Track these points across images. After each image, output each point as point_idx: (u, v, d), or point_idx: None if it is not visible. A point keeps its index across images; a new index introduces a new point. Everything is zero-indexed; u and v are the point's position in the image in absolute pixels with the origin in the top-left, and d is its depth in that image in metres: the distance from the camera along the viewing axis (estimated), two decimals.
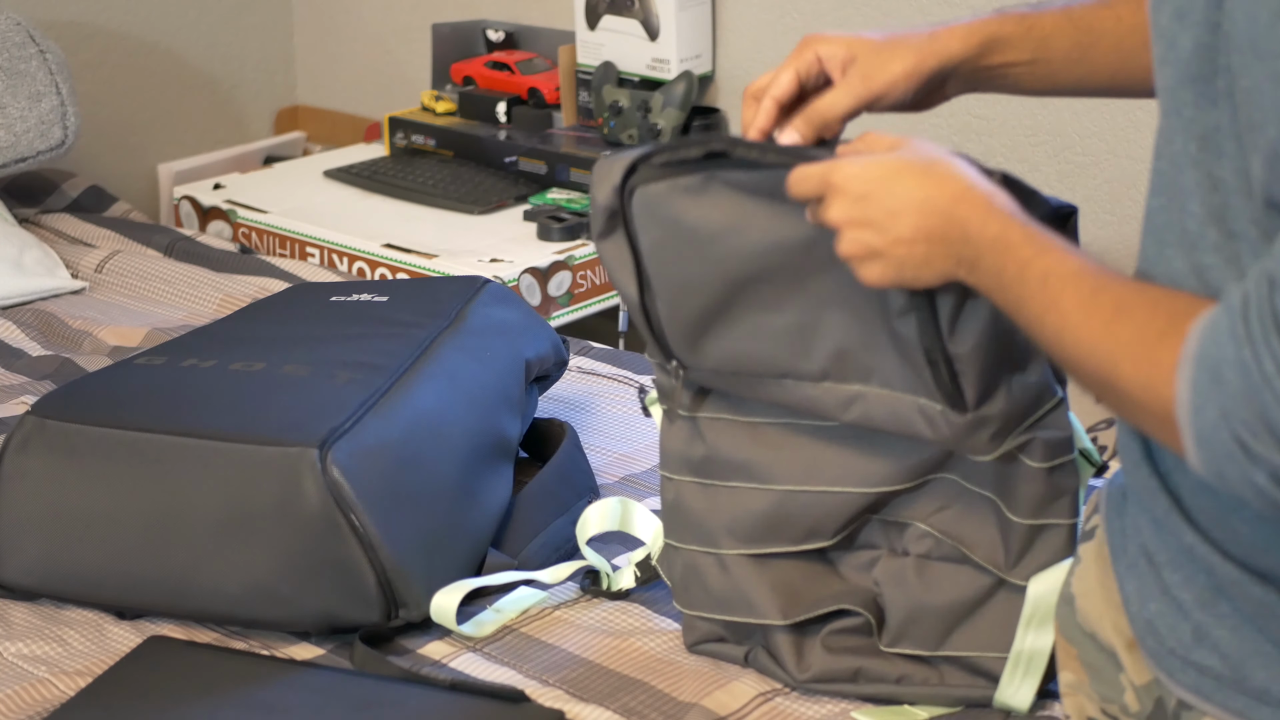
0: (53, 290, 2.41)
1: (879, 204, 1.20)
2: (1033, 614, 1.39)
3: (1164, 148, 1.08)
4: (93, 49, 3.00)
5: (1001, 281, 1.13)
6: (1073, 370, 1.09)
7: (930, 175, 1.19)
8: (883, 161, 1.21)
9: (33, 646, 1.55)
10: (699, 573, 1.50)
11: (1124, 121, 2.34)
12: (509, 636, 1.56)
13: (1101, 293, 1.08)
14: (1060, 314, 1.08)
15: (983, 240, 1.15)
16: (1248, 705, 1.08)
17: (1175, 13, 1.04)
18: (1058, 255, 1.11)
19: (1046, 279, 1.10)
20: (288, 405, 1.60)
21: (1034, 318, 1.10)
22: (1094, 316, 1.06)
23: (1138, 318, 1.04)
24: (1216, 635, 1.09)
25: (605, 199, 1.40)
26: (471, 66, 2.86)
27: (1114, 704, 1.22)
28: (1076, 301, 1.08)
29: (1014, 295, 1.12)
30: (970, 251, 1.16)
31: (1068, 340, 1.07)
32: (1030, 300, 1.10)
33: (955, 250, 1.17)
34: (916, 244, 1.19)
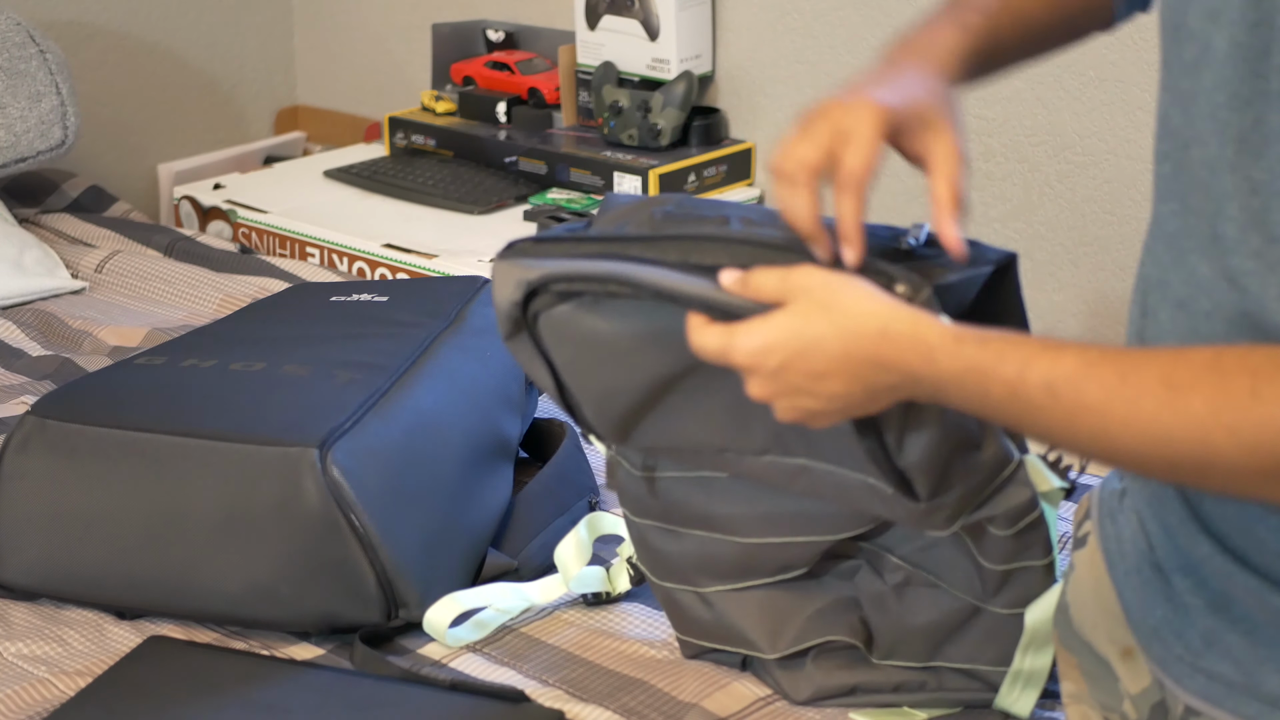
0: (53, 290, 2.41)
1: (798, 371, 1.12)
2: (1030, 640, 1.37)
3: (1178, 152, 1.06)
4: (93, 49, 3.00)
5: (986, 406, 1.08)
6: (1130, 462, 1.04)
7: (837, 323, 1.11)
8: (781, 325, 1.13)
9: (33, 646, 1.55)
10: (681, 606, 1.50)
11: (1124, 121, 2.34)
12: (509, 636, 1.56)
13: (1132, 375, 1.02)
14: (1096, 415, 1.02)
15: (940, 378, 1.09)
16: (1261, 711, 1.07)
17: (1207, 13, 1.01)
18: (1045, 359, 1.05)
19: (1052, 388, 1.04)
20: (288, 405, 1.60)
21: (1054, 429, 1.05)
22: (1142, 402, 1.00)
23: (1204, 386, 0.99)
24: (1229, 641, 1.08)
25: (506, 306, 1.31)
26: (471, 66, 2.86)
27: (1114, 713, 1.22)
28: (1108, 395, 1.02)
29: (1013, 414, 1.07)
30: (926, 389, 1.10)
31: (1118, 436, 1.02)
32: (1039, 414, 1.05)
33: (902, 389, 1.12)
34: (853, 395, 1.12)
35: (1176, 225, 1.06)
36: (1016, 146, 2.44)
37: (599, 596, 1.61)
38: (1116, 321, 2.37)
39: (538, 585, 1.59)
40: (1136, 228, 2.34)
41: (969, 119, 2.44)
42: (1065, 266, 2.42)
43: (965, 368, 1.07)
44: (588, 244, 1.30)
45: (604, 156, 2.63)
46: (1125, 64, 2.32)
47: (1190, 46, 1.03)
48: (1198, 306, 1.05)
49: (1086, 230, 2.39)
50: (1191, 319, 1.05)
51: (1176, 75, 1.06)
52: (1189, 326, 1.06)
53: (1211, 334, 1.04)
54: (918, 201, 2.53)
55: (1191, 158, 1.03)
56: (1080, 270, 2.41)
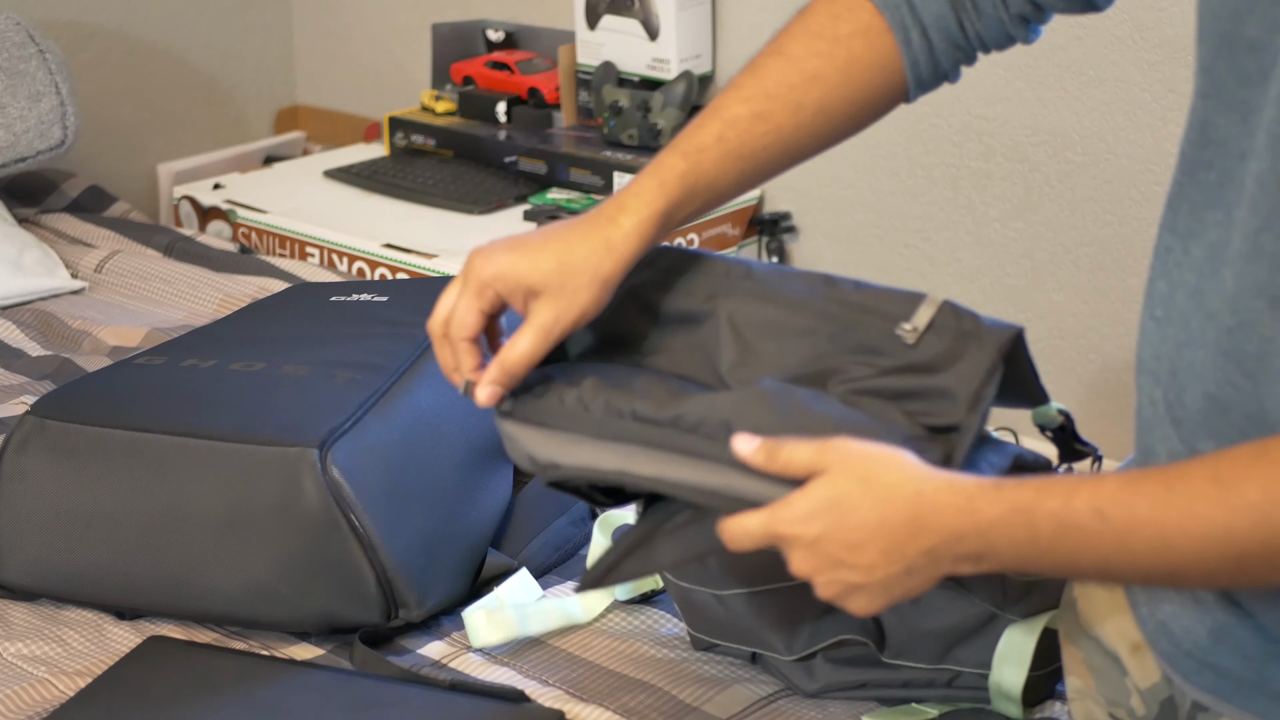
0: (52, 290, 2.41)
1: (836, 542, 1.11)
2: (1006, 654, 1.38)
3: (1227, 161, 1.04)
4: (93, 49, 3.00)
5: (1037, 549, 1.06)
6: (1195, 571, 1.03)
7: (874, 488, 1.10)
8: (819, 494, 1.12)
9: (33, 646, 1.55)
10: (697, 605, 1.49)
11: (1124, 121, 2.34)
12: None
13: (1178, 482, 1.02)
14: (1152, 527, 1.02)
15: (982, 526, 1.08)
16: (1268, 706, 1.07)
17: (1271, 26, 0.99)
18: (1088, 486, 1.05)
19: (1102, 511, 1.04)
20: (288, 405, 1.60)
21: (1109, 555, 1.04)
22: (1196, 505, 1.00)
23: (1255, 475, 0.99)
24: (1237, 636, 1.08)
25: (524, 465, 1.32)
26: (471, 66, 2.86)
27: (1120, 708, 1.21)
28: (1159, 506, 1.02)
29: (1064, 552, 1.06)
30: (969, 545, 1.08)
31: (1178, 545, 1.01)
32: (1093, 542, 1.04)
33: (942, 554, 1.09)
34: (892, 564, 1.10)
35: (1219, 235, 1.05)
36: (1016, 146, 2.44)
37: (645, 596, 1.61)
38: (1116, 321, 2.37)
39: (580, 601, 1.58)
40: (1136, 228, 2.34)
41: (969, 119, 2.46)
42: (1065, 266, 2.42)
43: (1009, 509, 1.06)
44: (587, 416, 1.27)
45: (604, 156, 2.63)
46: (1125, 64, 2.32)
47: (1252, 58, 1.02)
48: (1223, 320, 1.04)
49: (1086, 230, 2.39)
50: (1218, 332, 1.05)
51: (1230, 84, 1.04)
52: (1215, 339, 1.05)
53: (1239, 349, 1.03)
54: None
55: (1245, 169, 1.02)
56: (1080, 270, 2.41)
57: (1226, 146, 1.04)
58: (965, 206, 2.49)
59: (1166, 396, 1.10)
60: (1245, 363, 1.02)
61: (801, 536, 1.12)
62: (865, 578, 1.11)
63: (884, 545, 1.10)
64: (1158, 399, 1.11)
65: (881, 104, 1.30)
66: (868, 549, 1.10)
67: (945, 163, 2.50)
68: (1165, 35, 2.28)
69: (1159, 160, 2.31)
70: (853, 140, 1.33)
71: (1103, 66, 2.34)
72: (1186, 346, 1.08)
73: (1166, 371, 1.10)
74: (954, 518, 1.08)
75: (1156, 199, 2.33)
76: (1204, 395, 1.05)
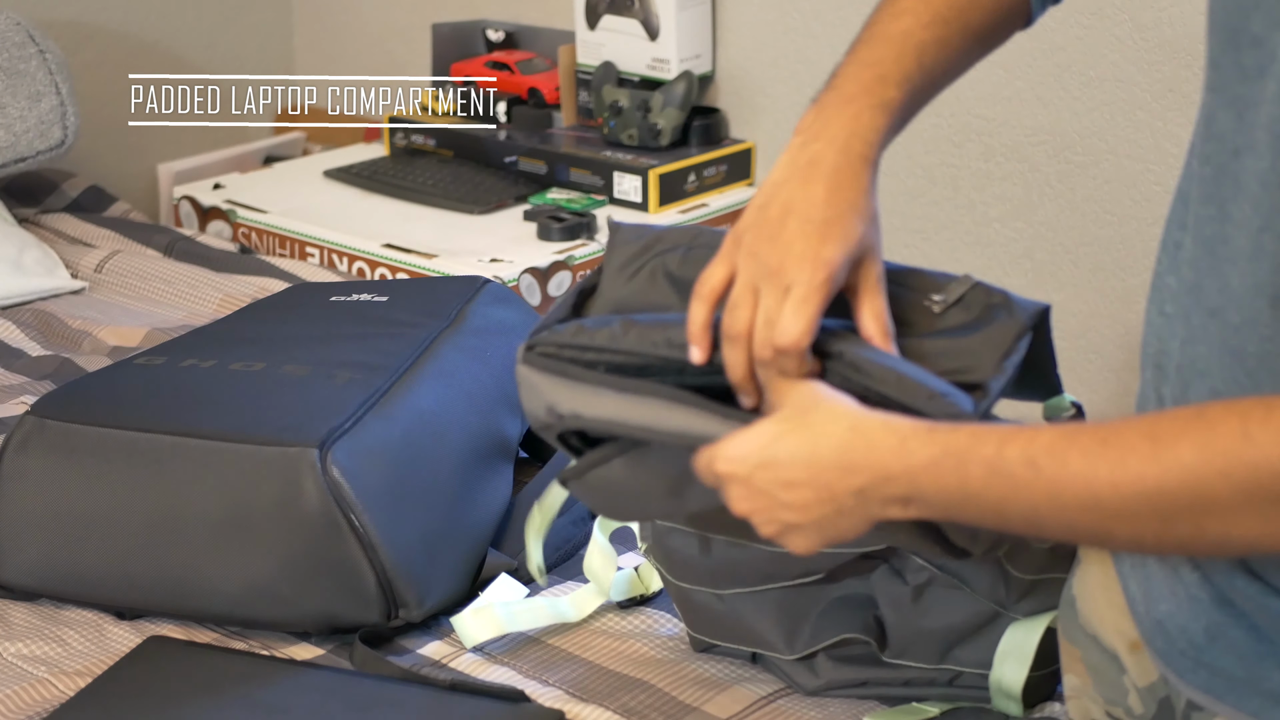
0: (52, 290, 2.41)
1: (769, 478, 1.13)
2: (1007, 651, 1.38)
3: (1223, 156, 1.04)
4: (93, 49, 3.00)
5: (965, 493, 1.06)
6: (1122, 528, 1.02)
7: (808, 427, 1.12)
8: (757, 433, 1.14)
9: (33, 646, 1.55)
10: (696, 605, 1.49)
11: (1124, 121, 2.34)
12: (509, 636, 1.56)
13: (1114, 437, 1.01)
14: (1082, 481, 1.01)
15: (913, 468, 1.07)
16: (1262, 706, 1.07)
17: (1274, 22, 0.99)
18: (1023, 435, 1.04)
19: (1034, 461, 1.03)
20: (288, 405, 1.60)
21: (1038, 505, 1.03)
22: (1129, 460, 1.00)
23: (1191, 434, 0.98)
24: (1232, 635, 1.08)
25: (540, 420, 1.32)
26: (471, 66, 2.86)
27: (1118, 706, 1.21)
28: (1091, 460, 1.01)
29: (992, 500, 1.05)
30: (898, 487, 1.08)
31: (1107, 499, 1.00)
32: (1022, 491, 1.03)
33: (871, 494, 1.09)
34: (824, 504, 1.11)
35: (1214, 231, 1.05)
36: (1016, 146, 2.44)
37: (641, 598, 1.61)
38: (1116, 321, 2.37)
39: (571, 600, 1.58)
40: (1136, 228, 2.34)
41: (969, 119, 2.46)
42: (1065, 266, 2.42)
43: (941, 452, 1.06)
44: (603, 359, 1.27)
45: (604, 156, 2.63)
46: (1125, 64, 2.32)
47: (1252, 53, 1.01)
48: (1229, 318, 1.03)
49: (1086, 230, 2.39)
50: (1223, 330, 1.04)
51: (1231, 79, 1.03)
52: (1220, 337, 1.04)
53: (1239, 347, 1.03)
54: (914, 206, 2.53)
55: (1242, 166, 1.01)
56: (1080, 270, 2.41)
57: (1223, 141, 1.04)
58: (965, 206, 2.49)
59: (1173, 392, 1.10)
60: (1247, 361, 1.02)
61: (736, 474, 1.14)
62: (801, 516, 1.12)
63: (813, 484, 1.11)
64: (1165, 395, 1.11)
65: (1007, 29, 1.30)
66: (798, 488, 1.11)
67: (945, 163, 2.50)
68: (1165, 35, 2.28)
69: (1159, 160, 2.31)
70: None
71: (1103, 66, 2.34)
72: (1189, 343, 1.08)
73: (1173, 368, 1.09)
74: (885, 456, 1.08)
75: (1156, 199, 2.33)
76: (1210, 392, 1.05)
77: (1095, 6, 2.33)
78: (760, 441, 1.14)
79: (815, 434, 1.12)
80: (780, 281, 1.18)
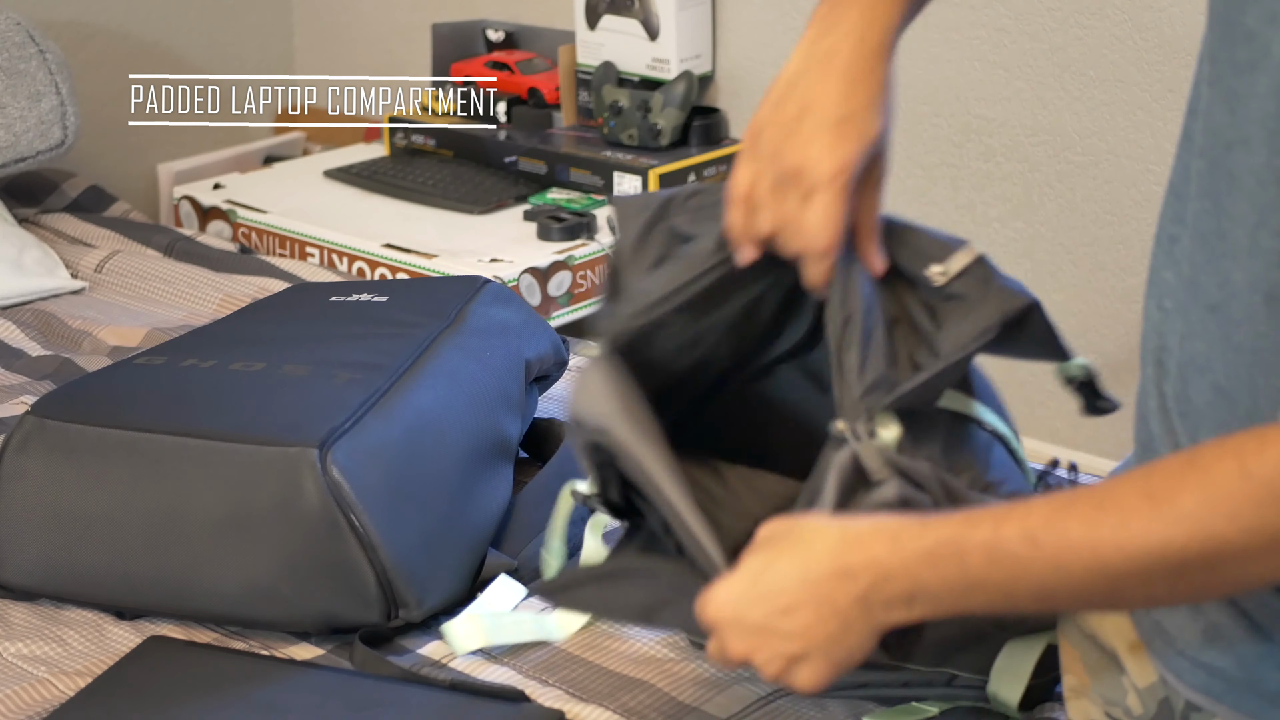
0: (52, 290, 2.41)
1: (764, 610, 1.09)
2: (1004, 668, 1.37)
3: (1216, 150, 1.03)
4: (93, 49, 3.00)
5: (968, 582, 1.03)
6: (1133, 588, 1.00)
7: (795, 547, 1.09)
8: (744, 569, 1.11)
9: (33, 646, 1.55)
10: None
11: (1124, 122, 2.34)
12: None
13: (1109, 500, 1.00)
14: (1086, 549, 0.99)
15: (910, 563, 1.05)
16: (1260, 707, 1.07)
17: (1269, 16, 0.98)
18: (1016, 514, 1.02)
19: (1033, 537, 1.01)
20: (288, 405, 1.60)
21: (1045, 581, 1.01)
22: (1130, 520, 0.98)
23: (1189, 484, 0.97)
24: (1230, 636, 1.08)
25: None
26: (471, 66, 2.86)
27: (1117, 707, 1.21)
28: (1091, 526, 0.99)
29: (998, 583, 1.02)
30: (898, 587, 1.05)
31: (1114, 563, 0.98)
32: (1026, 570, 1.01)
33: (873, 599, 1.06)
34: (826, 621, 1.07)
35: (1210, 226, 1.04)
36: (1016, 146, 2.44)
37: None
38: (1116, 320, 2.37)
39: (557, 620, 1.56)
40: (1136, 228, 2.34)
41: (969, 119, 2.46)
42: (1065, 266, 2.42)
43: (935, 542, 1.04)
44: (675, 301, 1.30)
45: (604, 156, 2.63)
46: (1125, 64, 2.32)
47: (1245, 47, 1.00)
48: (1230, 313, 1.03)
49: (1086, 230, 2.39)
50: (1224, 325, 1.03)
51: (1226, 72, 1.03)
52: (1222, 332, 1.04)
53: (1242, 342, 1.02)
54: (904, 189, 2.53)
55: (1234, 160, 1.01)
56: (1080, 270, 2.41)
57: (1217, 136, 1.03)
58: (965, 206, 2.49)
59: (1174, 389, 1.09)
60: (1246, 357, 1.02)
61: (727, 616, 1.12)
62: (804, 644, 1.09)
63: (813, 601, 1.07)
64: (1166, 392, 1.11)
65: None
66: (798, 611, 1.08)
67: (945, 163, 2.50)
68: (1165, 35, 2.28)
69: (1159, 160, 2.31)
70: None
71: (1103, 66, 2.34)
72: (1189, 339, 1.07)
73: (1174, 364, 1.09)
74: (880, 554, 1.06)
75: (1156, 199, 2.32)
76: (1212, 387, 1.05)
77: (1095, 6, 2.33)
78: (748, 576, 1.11)
79: (804, 551, 1.09)
80: (801, 184, 1.19)
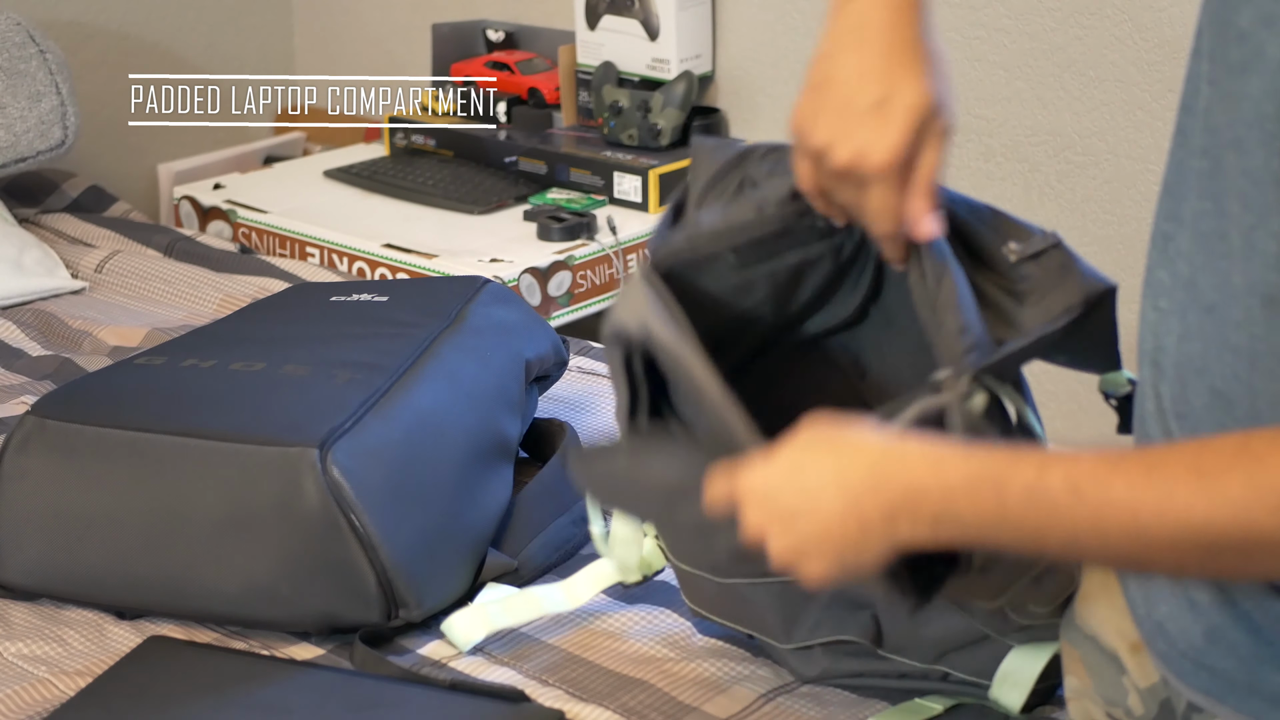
0: (53, 290, 2.41)
1: (794, 495, 1.09)
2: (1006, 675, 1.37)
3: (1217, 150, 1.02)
4: (93, 49, 3.00)
5: (1001, 517, 1.02)
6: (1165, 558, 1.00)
7: (837, 450, 1.08)
8: (781, 455, 1.11)
9: (33, 646, 1.55)
10: (697, 582, 1.49)
11: (1124, 121, 2.34)
12: (509, 636, 1.56)
13: (1159, 467, 0.99)
14: (1126, 510, 0.98)
15: (948, 488, 1.04)
16: (1262, 708, 1.07)
17: (1263, 18, 0.98)
18: (1063, 460, 1.01)
19: (1076, 487, 1.00)
20: (288, 405, 1.60)
21: (1079, 532, 1.01)
22: (1175, 492, 0.97)
23: (1238, 469, 0.96)
24: (1232, 637, 1.08)
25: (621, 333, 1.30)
26: (471, 66, 2.86)
27: (1118, 707, 1.21)
28: (1136, 489, 0.98)
29: (1032, 526, 1.02)
30: (929, 508, 1.04)
31: (1152, 530, 0.98)
32: (1063, 517, 1.00)
33: (900, 514, 1.05)
34: (848, 522, 1.06)
35: (1210, 226, 1.03)
36: (1016, 146, 2.44)
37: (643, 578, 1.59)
38: None
39: (563, 591, 1.57)
40: (1136, 228, 2.34)
41: (969, 119, 2.45)
42: None
43: (978, 473, 1.03)
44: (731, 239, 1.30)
45: (604, 156, 2.63)
46: (1125, 64, 2.32)
47: (1238, 48, 1.00)
48: (1228, 315, 1.02)
49: (1086, 230, 2.39)
50: (1221, 327, 1.03)
51: (1222, 73, 1.02)
52: (1219, 334, 1.03)
53: (1240, 344, 1.02)
54: None
55: (1229, 163, 1.01)
56: None
57: (1218, 135, 1.02)
58: None
59: (1171, 391, 1.09)
60: (1243, 360, 1.02)
61: (757, 491, 1.11)
62: (821, 539, 1.08)
63: (841, 503, 1.06)
64: (1163, 393, 1.10)
65: None
66: (825, 508, 1.07)
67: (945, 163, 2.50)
68: (1165, 35, 2.28)
69: (1159, 160, 2.30)
70: None
71: (1103, 66, 2.34)
72: (1185, 340, 1.07)
73: (1170, 365, 1.09)
74: (920, 472, 1.05)
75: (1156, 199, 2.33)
76: (1209, 390, 1.05)
77: (1095, 6, 2.33)
78: (787, 463, 1.11)
79: (847, 455, 1.08)
80: (853, 178, 1.18)
